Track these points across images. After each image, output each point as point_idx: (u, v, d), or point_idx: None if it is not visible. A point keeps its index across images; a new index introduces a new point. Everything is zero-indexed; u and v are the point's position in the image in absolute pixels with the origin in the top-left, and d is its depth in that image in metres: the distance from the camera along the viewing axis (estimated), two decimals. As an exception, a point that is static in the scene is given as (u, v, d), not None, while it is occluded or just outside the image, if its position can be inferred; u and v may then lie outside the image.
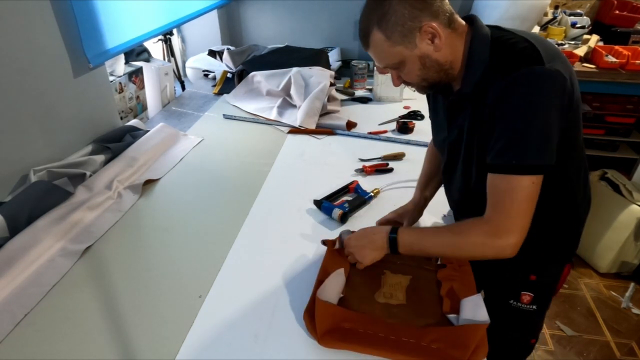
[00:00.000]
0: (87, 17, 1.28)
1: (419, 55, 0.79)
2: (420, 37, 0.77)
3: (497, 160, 0.75)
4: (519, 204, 0.73)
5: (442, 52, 0.79)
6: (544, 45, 0.74)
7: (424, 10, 0.76)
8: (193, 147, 1.53)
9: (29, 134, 1.16)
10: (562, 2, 2.62)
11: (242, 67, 2.06)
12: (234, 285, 0.94)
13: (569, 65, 0.77)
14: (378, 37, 0.79)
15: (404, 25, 0.76)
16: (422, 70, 0.81)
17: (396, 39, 0.78)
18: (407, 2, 0.75)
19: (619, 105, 2.36)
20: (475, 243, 0.77)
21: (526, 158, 0.72)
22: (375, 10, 0.78)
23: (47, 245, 1.00)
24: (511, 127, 0.73)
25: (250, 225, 1.13)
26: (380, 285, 0.89)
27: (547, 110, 0.71)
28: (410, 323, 0.80)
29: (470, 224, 0.79)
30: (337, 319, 0.80)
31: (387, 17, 0.76)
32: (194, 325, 0.83)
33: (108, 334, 0.82)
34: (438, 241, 0.82)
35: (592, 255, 2.19)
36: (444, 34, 0.77)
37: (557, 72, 0.71)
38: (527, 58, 0.72)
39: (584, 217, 0.95)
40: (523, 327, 1.05)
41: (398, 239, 0.84)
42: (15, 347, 0.79)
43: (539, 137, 0.72)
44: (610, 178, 2.20)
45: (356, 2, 2.57)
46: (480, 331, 0.75)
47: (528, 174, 0.72)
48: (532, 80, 0.71)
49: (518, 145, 0.72)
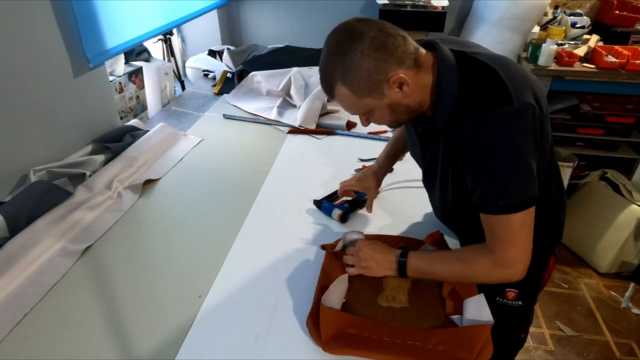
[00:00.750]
0: (87, 17, 1.28)
1: (387, 104, 0.78)
2: (388, 87, 0.75)
3: (483, 202, 0.75)
4: (517, 235, 0.74)
5: (411, 97, 0.77)
6: (509, 72, 0.73)
7: (389, 60, 0.73)
8: (193, 147, 1.52)
9: (29, 134, 1.16)
10: (562, 2, 2.62)
11: (242, 67, 2.06)
12: (234, 285, 0.94)
13: (535, 83, 0.76)
14: (343, 91, 0.77)
15: (370, 79, 0.74)
16: (392, 115, 0.81)
17: (363, 93, 0.76)
18: (371, 56, 0.72)
19: (619, 105, 2.36)
20: (483, 272, 0.79)
21: (512, 199, 0.72)
22: (338, 65, 0.75)
23: (47, 245, 1.00)
24: (489, 173, 0.73)
25: (250, 225, 1.13)
26: (382, 289, 0.89)
27: (522, 149, 0.71)
28: (415, 326, 0.80)
29: (476, 252, 0.80)
30: (342, 325, 0.79)
31: (351, 72, 0.74)
32: (194, 325, 0.83)
33: (108, 334, 0.82)
34: (446, 268, 0.83)
35: (592, 255, 2.19)
36: (412, 78, 0.75)
37: (526, 106, 0.70)
38: (496, 98, 0.70)
39: (561, 212, 0.95)
40: (511, 323, 1.06)
41: (407, 263, 0.86)
42: (15, 347, 0.79)
43: (519, 177, 0.72)
44: (610, 178, 2.20)
45: (356, 2, 2.57)
46: (485, 331, 0.75)
47: (518, 211, 0.73)
48: (503, 124, 0.70)
49: (500, 189, 0.73)
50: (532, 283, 1.01)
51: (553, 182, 0.88)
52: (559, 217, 0.95)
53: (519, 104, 0.69)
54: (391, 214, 1.17)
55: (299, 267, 0.98)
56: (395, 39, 0.74)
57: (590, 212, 2.21)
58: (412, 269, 0.86)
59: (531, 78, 0.77)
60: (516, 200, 0.72)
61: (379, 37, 0.72)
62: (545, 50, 2.16)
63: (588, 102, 2.38)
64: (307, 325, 0.81)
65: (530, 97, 0.71)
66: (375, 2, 2.36)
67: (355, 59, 0.73)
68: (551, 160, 0.85)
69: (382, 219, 1.15)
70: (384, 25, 0.75)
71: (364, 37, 0.72)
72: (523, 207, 0.73)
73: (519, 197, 0.72)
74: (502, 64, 0.74)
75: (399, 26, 0.77)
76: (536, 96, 0.74)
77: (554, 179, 0.89)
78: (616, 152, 2.45)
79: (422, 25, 2.27)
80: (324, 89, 0.81)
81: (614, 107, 2.36)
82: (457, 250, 0.86)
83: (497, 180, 0.73)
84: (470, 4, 2.54)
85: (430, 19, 2.26)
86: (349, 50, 0.73)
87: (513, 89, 0.70)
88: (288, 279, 0.95)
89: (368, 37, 0.72)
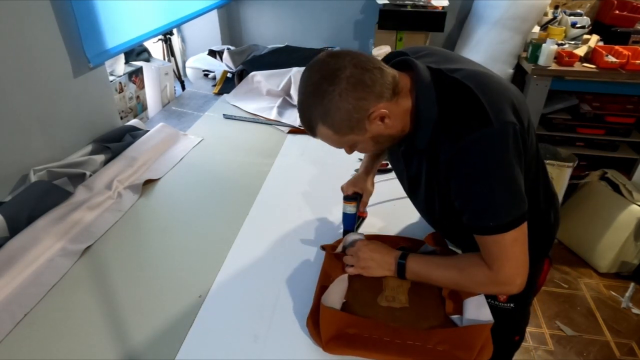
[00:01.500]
0: (87, 17, 1.28)
1: (370, 137, 0.78)
2: (370, 122, 0.74)
3: (474, 223, 0.75)
4: (510, 252, 0.74)
5: (393, 126, 0.77)
6: (486, 90, 0.72)
7: (368, 98, 0.72)
8: (193, 147, 1.52)
9: (29, 134, 1.16)
10: (562, 2, 2.62)
11: (242, 67, 2.06)
12: (234, 285, 0.94)
13: (514, 96, 0.75)
14: (325, 131, 0.76)
15: (351, 119, 0.73)
16: (376, 145, 0.81)
17: (345, 132, 0.75)
18: (349, 96, 0.71)
19: (619, 105, 2.35)
20: (481, 283, 0.79)
21: (502, 219, 0.72)
22: (317, 107, 0.73)
23: (46, 245, 1.00)
24: (476, 196, 0.73)
25: (250, 225, 1.13)
26: (382, 289, 0.89)
27: (505, 168, 0.70)
28: (415, 326, 0.80)
29: (474, 262, 0.79)
30: (342, 325, 0.79)
31: (330, 114, 0.73)
32: (194, 325, 0.83)
33: (108, 334, 0.82)
34: (444, 275, 0.83)
35: (592, 255, 2.19)
36: (393, 108, 0.75)
37: (505, 125, 0.69)
38: (473, 120, 0.70)
39: (551, 215, 0.95)
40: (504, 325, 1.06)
41: (406, 266, 0.86)
42: (15, 347, 0.79)
43: (506, 196, 0.72)
44: (610, 178, 2.20)
45: (356, 2, 2.57)
46: (485, 331, 0.75)
47: (509, 229, 0.72)
48: (483, 146, 0.69)
49: (489, 210, 0.73)
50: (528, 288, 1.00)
51: (541, 187, 0.88)
52: (549, 220, 0.95)
53: (498, 124, 0.69)
54: (391, 214, 1.17)
55: (299, 267, 0.98)
56: (372, 73, 0.72)
57: (590, 212, 2.21)
58: (410, 271, 0.86)
59: (510, 92, 0.76)
60: (506, 219, 0.72)
61: (356, 75, 0.71)
62: (545, 50, 2.16)
63: (588, 102, 2.38)
64: (307, 325, 0.81)
65: (509, 114, 0.71)
66: (375, 2, 2.36)
67: (334, 102, 0.71)
68: (537, 165, 0.85)
69: (382, 219, 1.15)
70: (359, 59, 0.72)
71: (340, 77, 0.70)
72: (514, 225, 0.72)
73: (508, 216, 0.72)
74: (479, 82, 0.73)
75: (399, 26, 0.77)
76: (516, 110, 0.73)
77: (542, 183, 0.88)
78: (616, 152, 2.45)
79: (422, 25, 2.27)
80: (305, 127, 0.79)
81: (614, 107, 2.36)
82: (456, 258, 0.85)
83: (485, 202, 0.73)
84: (470, 4, 2.54)
85: (430, 19, 2.26)
86: (326, 92, 0.71)
87: (491, 108, 0.69)
88: (288, 279, 0.95)
89: (344, 76, 0.70)
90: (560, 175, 2.07)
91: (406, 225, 1.13)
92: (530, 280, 1.02)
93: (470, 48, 2.46)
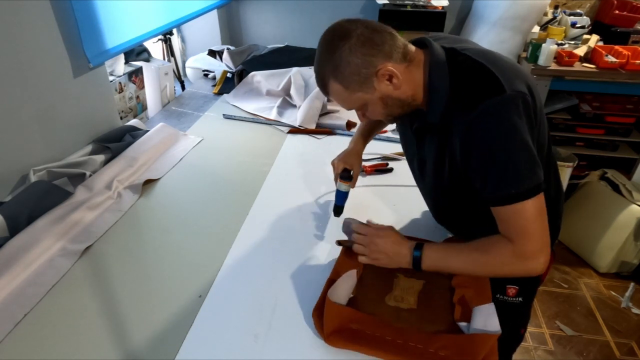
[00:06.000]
0: (87, 17, 1.28)
1: (379, 97, 0.81)
2: (378, 80, 0.78)
3: (495, 194, 0.75)
4: (533, 222, 0.74)
5: (402, 89, 0.80)
6: (499, 65, 0.75)
7: (377, 55, 0.76)
8: (193, 147, 1.52)
9: (29, 134, 1.16)
10: (562, 2, 2.62)
11: (242, 67, 2.06)
12: (234, 285, 0.94)
13: (526, 75, 0.78)
14: (336, 87, 0.80)
15: (359, 74, 0.77)
16: (385, 108, 0.83)
17: (354, 88, 0.79)
18: (358, 51, 0.75)
19: (619, 105, 2.35)
20: (505, 263, 0.77)
21: (523, 184, 0.72)
22: (328, 62, 0.78)
23: (46, 245, 1.00)
24: (495, 161, 0.73)
25: (250, 225, 1.13)
26: (392, 289, 0.89)
27: (521, 134, 0.72)
28: (419, 328, 0.80)
29: (496, 241, 0.78)
30: (345, 320, 0.80)
31: (340, 68, 0.77)
32: (194, 325, 0.83)
33: (108, 334, 0.82)
34: (466, 260, 0.81)
35: (592, 255, 2.19)
36: (401, 71, 0.78)
37: (517, 93, 0.72)
38: (487, 88, 0.72)
39: (559, 205, 0.97)
40: (512, 319, 1.06)
41: (422, 257, 0.82)
42: (15, 347, 0.79)
43: (525, 161, 0.72)
44: (610, 178, 2.20)
45: (356, 2, 2.57)
46: (490, 341, 0.74)
47: (531, 196, 0.72)
48: (497, 111, 0.71)
49: (510, 176, 0.73)
50: (532, 279, 1.01)
51: (552, 176, 0.89)
52: (557, 210, 0.96)
53: (511, 91, 0.71)
54: (391, 214, 1.17)
55: (299, 267, 0.98)
56: (382, 35, 0.77)
57: (590, 212, 2.21)
58: (427, 262, 0.82)
59: (523, 71, 0.79)
60: (527, 185, 0.72)
61: (366, 34, 0.76)
62: (545, 50, 2.16)
63: (588, 102, 2.38)
64: (312, 316, 0.83)
65: (522, 86, 0.73)
66: (375, 2, 2.36)
67: (344, 55, 0.76)
68: (549, 154, 0.86)
69: (382, 219, 1.15)
70: (372, 23, 0.78)
71: (351, 35, 0.76)
72: (535, 192, 0.72)
73: (529, 182, 0.72)
74: (492, 58, 0.76)
75: (399, 26, 0.78)
76: (529, 87, 0.76)
77: (553, 173, 0.90)
78: (616, 152, 2.45)
79: (422, 25, 2.27)
80: (319, 86, 0.85)
81: (614, 107, 2.36)
82: (475, 241, 0.82)
83: (504, 167, 0.73)
84: (470, 4, 2.54)
85: (430, 19, 2.26)
86: (337, 47, 0.76)
87: (504, 79, 0.72)
88: (288, 279, 0.95)
89: (355, 34, 0.75)
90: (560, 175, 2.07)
91: (407, 226, 1.13)
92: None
93: (470, 48, 2.46)
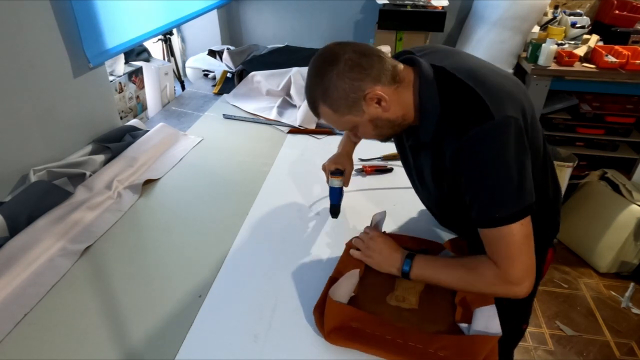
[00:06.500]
0: (87, 17, 1.28)
1: (369, 119, 0.81)
2: (366, 104, 0.79)
3: (480, 216, 0.76)
4: (518, 247, 0.75)
5: (391, 110, 0.80)
6: (488, 86, 0.74)
7: (364, 80, 0.76)
8: (193, 147, 1.52)
9: (29, 134, 1.16)
10: (562, 2, 2.62)
11: (242, 67, 2.06)
12: (234, 285, 0.94)
13: (516, 90, 0.77)
14: (325, 110, 0.82)
15: (347, 98, 0.78)
16: (376, 129, 0.84)
17: (343, 111, 0.80)
18: (346, 76, 0.76)
19: (619, 105, 2.35)
20: (489, 284, 0.78)
21: (507, 209, 0.73)
22: (318, 86, 0.79)
23: (46, 245, 1.00)
24: (482, 185, 0.75)
25: (250, 225, 1.13)
26: (394, 288, 0.89)
27: (508, 160, 0.72)
28: (419, 328, 0.80)
29: (483, 262, 0.79)
30: (346, 318, 0.80)
31: (329, 92, 0.78)
32: (194, 325, 0.83)
33: (108, 334, 0.82)
34: (452, 274, 0.83)
35: (592, 255, 2.19)
36: (390, 94, 0.78)
37: (505, 118, 0.71)
38: (475, 115, 0.72)
39: (558, 204, 0.97)
40: (514, 314, 1.07)
41: (412, 267, 0.86)
42: (15, 347, 0.79)
43: (512, 187, 0.73)
44: (610, 178, 2.20)
45: (356, 2, 2.57)
46: (491, 343, 0.74)
47: (515, 221, 0.73)
48: (484, 139, 0.72)
49: (494, 201, 0.74)
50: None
51: (549, 177, 0.90)
52: (556, 209, 0.97)
53: (499, 117, 0.71)
54: (391, 214, 1.17)
55: (299, 267, 0.98)
56: (370, 58, 0.77)
57: (590, 212, 2.21)
58: (416, 272, 0.86)
59: (513, 85, 0.78)
60: (512, 210, 0.73)
61: (354, 58, 0.76)
62: (545, 50, 2.16)
63: (588, 102, 2.38)
64: (313, 314, 0.83)
65: (510, 109, 0.73)
66: (375, 2, 2.36)
67: (332, 80, 0.77)
68: (545, 157, 0.87)
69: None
70: (361, 47, 0.79)
71: (339, 59, 0.77)
72: (521, 216, 0.73)
73: (513, 207, 0.73)
74: (481, 79, 0.75)
75: (399, 26, 0.78)
76: (520, 104, 0.75)
77: (550, 174, 0.91)
78: (616, 152, 2.45)
79: (422, 25, 2.27)
80: (310, 109, 0.85)
81: (614, 107, 2.36)
82: (464, 258, 0.85)
83: (491, 192, 0.74)
84: (470, 4, 2.54)
85: (430, 19, 2.26)
86: (326, 72, 0.78)
87: (492, 103, 0.72)
88: (288, 279, 0.95)
89: (343, 59, 0.76)
90: (560, 175, 2.07)
91: (407, 226, 1.13)
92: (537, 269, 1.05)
93: (470, 48, 2.46)
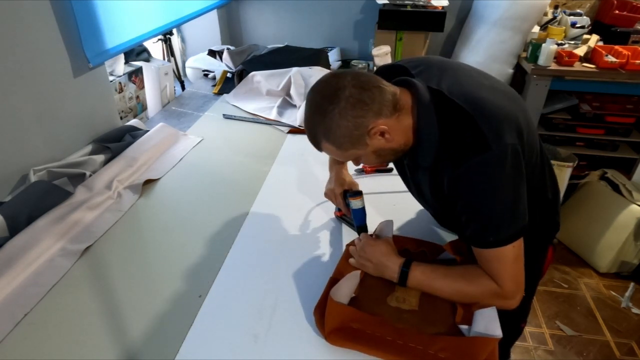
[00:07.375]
0: (87, 17, 1.28)
1: (372, 151, 0.81)
2: (370, 138, 0.78)
3: (474, 238, 0.79)
4: (510, 267, 0.78)
5: (395, 140, 0.80)
6: (486, 112, 0.73)
7: (367, 115, 0.75)
8: (193, 147, 1.52)
9: (29, 134, 1.16)
10: (562, 2, 2.62)
11: (242, 67, 2.06)
12: (234, 285, 0.94)
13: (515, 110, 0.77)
14: (328, 147, 0.81)
15: (351, 135, 0.77)
16: (379, 158, 0.84)
17: (347, 147, 0.79)
18: (348, 114, 0.75)
19: (619, 105, 2.35)
20: (484, 296, 0.81)
21: (501, 233, 0.76)
22: (319, 124, 0.78)
23: (46, 245, 1.00)
24: (477, 212, 0.77)
25: (250, 225, 1.13)
26: (394, 289, 0.89)
27: (507, 188, 0.74)
28: (420, 329, 0.80)
29: (479, 275, 0.81)
30: (346, 319, 0.80)
31: (332, 130, 0.77)
32: (194, 325, 0.83)
33: (108, 334, 0.82)
34: (448, 284, 0.84)
35: (592, 255, 2.19)
36: (392, 124, 0.78)
37: (504, 148, 0.71)
38: (472, 145, 0.72)
39: (557, 205, 0.98)
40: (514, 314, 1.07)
41: (409, 274, 0.86)
42: (15, 347, 0.79)
43: (506, 213, 0.75)
44: (610, 178, 2.20)
45: (356, 2, 2.57)
46: (491, 345, 0.75)
47: (508, 243, 0.76)
48: (481, 170, 0.73)
49: (489, 225, 0.76)
50: (534, 274, 1.03)
51: (547, 178, 0.91)
52: (556, 210, 0.97)
53: (496, 147, 0.71)
54: (391, 214, 1.16)
55: (299, 267, 0.98)
56: (371, 92, 0.75)
57: (590, 212, 2.21)
58: (413, 281, 0.86)
59: (508, 103, 0.78)
60: (505, 234, 0.76)
61: (355, 95, 0.74)
62: (545, 50, 2.16)
63: (588, 102, 2.38)
64: (313, 314, 0.83)
65: (508, 136, 0.72)
66: (375, 2, 2.36)
67: (335, 120, 0.75)
68: (542, 159, 0.88)
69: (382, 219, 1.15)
70: (360, 78, 0.76)
71: (340, 97, 0.74)
72: (513, 239, 0.76)
73: (507, 231, 0.76)
74: (480, 103, 0.75)
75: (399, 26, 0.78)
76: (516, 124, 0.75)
77: (548, 175, 0.92)
78: (616, 152, 2.45)
79: (422, 25, 2.27)
80: (312, 143, 0.84)
81: (614, 107, 2.36)
82: (463, 268, 0.86)
83: (485, 219, 0.76)
84: (470, 4, 2.54)
85: (430, 19, 2.26)
86: (327, 111, 0.76)
87: (490, 132, 0.72)
88: (288, 279, 0.95)
89: (344, 96, 0.74)
90: (560, 175, 2.07)
91: (407, 226, 1.13)
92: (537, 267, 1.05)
93: (470, 48, 2.46)
